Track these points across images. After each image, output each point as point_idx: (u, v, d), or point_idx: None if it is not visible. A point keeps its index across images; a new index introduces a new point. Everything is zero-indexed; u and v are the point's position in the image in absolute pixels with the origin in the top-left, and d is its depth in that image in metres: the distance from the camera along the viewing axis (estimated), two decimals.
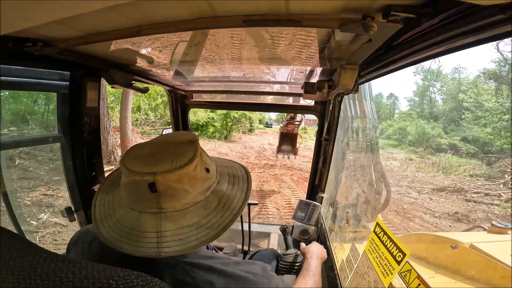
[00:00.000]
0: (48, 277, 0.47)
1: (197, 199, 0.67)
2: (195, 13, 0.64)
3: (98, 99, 1.39)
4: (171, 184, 0.61)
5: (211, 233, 0.65)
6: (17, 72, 1.06)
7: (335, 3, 0.56)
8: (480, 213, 8.20)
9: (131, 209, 0.66)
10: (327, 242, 1.63)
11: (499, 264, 1.35)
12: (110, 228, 0.66)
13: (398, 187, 10.95)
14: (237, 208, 0.71)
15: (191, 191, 0.65)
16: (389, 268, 0.84)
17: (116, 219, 0.67)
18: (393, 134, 29.67)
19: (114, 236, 0.64)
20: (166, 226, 0.63)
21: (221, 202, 0.71)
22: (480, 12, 0.46)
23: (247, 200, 0.75)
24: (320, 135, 2.00)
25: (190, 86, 2.04)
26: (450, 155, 17.95)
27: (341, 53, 0.96)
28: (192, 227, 0.65)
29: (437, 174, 14.06)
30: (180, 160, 0.63)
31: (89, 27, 0.75)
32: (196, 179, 0.66)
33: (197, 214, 0.67)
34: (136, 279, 0.49)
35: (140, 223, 0.64)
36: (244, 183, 0.80)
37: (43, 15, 0.45)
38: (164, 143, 0.71)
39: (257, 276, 0.69)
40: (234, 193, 0.75)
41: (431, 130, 25.05)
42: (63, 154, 1.39)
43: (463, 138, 22.64)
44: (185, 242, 0.63)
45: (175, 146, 0.69)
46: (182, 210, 0.65)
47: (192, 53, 1.13)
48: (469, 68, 56.12)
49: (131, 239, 0.63)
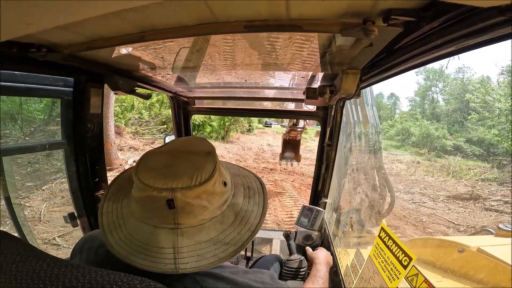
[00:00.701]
0: (51, 282, 0.46)
1: (214, 214, 0.65)
2: (197, 19, 0.65)
3: (102, 105, 1.40)
4: (190, 200, 0.59)
5: (229, 249, 0.63)
6: (21, 78, 1.07)
7: (336, 8, 0.56)
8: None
9: (145, 223, 0.63)
10: (331, 248, 1.61)
11: (507, 267, 1.33)
12: (122, 241, 0.64)
13: (410, 194, 10.44)
14: (254, 224, 0.69)
15: (209, 206, 0.63)
16: (395, 273, 0.83)
17: (127, 232, 0.65)
18: (396, 135, 29.24)
19: (127, 249, 0.62)
20: (183, 242, 0.61)
21: (237, 217, 0.69)
22: (480, 15, 0.46)
23: (265, 216, 0.73)
24: (322, 141, 2.00)
25: (192, 93, 2.05)
26: (459, 158, 17.38)
27: (342, 58, 0.96)
28: (209, 243, 0.63)
29: (447, 179, 13.54)
30: (200, 175, 0.60)
31: (93, 33, 0.76)
32: (214, 194, 0.64)
33: (214, 229, 0.65)
34: (140, 285, 0.48)
35: (155, 238, 0.61)
36: (260, 196, 0.77)
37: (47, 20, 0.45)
38: (180, 153, 0.68)
39: (266, 285, 0.68)
40: (251, 208, 0.72)
41: (436, 131, 24.64)
42: (66, 160, 1.39)
43: (468, 139, 22.30)
44: (203, 258, 0.61)
45: (193, 157, 0.65)
46: (198, 226, 0.63)
47: (194, 59, 1.14)
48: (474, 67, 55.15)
49: (146, 254, 0.60)
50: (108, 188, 0.78)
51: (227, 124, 18.12)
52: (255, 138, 21.94)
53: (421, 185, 11.99)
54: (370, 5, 0.53)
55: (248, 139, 20.62)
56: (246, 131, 22.57)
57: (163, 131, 13.59)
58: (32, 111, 6.67)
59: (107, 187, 0.78)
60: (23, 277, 0.47)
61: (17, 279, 0.46)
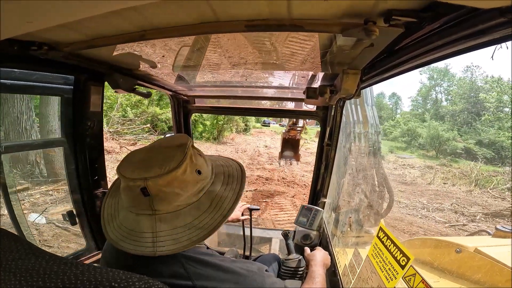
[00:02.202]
0: (50, 279, 0.47)
1: (189, 200, 0.70)
2: (198, 18, 0.65)
3: (102, 103, 1.40)
4: (162, 188, 0.65)
5: (202, 233, 0.68)
6: (22, 76, 1.07)
7: (337, 8, 0.56)
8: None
9: (130, 211, 0.71)
10: (329, 247, 1.62)
11: (505, 268, 1.34)
12: (115, 229, 0.72)
13: (440, 212, 8.79)
14: (227, 209, 0.73)
15: (182, 193, 0.68)
16: (393, 273, 0.83)
17: (119, 221, 0.73)
18: (401, 136, 28.09)
19: (118, 236, 0.70)
20: (161, 227, 0.67)
21: (212, 203, 0.73)
22: (481, 16, 0.46)
23: (238, 201, 0.77)
24: (322, 140, 2.00)
25: (192, 91, 2.05)
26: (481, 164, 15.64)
27: (343, 58, 0.96)
28: (184, 228, 0.68)
29: (472, 188, 12.03)
30: (168, 165, 0.66)
31: (94, 31, 0.76)
32: (186, 182, 0.68)
33: (190, 215, 0.70)
34: (138, 282, 0.49)
35: (138, 224, 0.69)
36: (238, 183, 0.81)
37: (47, 19, 0.45)
38: (157, 148, 0.74)
39: (250, 273, 0.72)
40: (226, 194, 0.77)
41: (445, 133, 23.45)
42: (65, 158, 1.39)
43: (478, 141, 21.37)
44: (178, 242, 0.66)
45: (165, 150, 0.72)
46: (175, 212, 0.69)
47: (195, 58, 1.14)
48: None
49: (131, 239, 0.68)
50: (111, 186, 0.87)
51: (220, 123, 16.78)
52: (251, 138, 20.63)
53: (446, 198, 10.56)
54: (371, 6, 0.53)
55: (243, 139, 19.39)
56: (242, 130, 21.31)
57: (147, 131, 12.60)
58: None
59: (111, 185, 0.87)
60: (22, 274, 0.47)
61: (16, 276, 0.46)
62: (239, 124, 20.45)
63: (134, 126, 12.38)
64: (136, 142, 11.47)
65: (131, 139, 11.58)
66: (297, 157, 6.32)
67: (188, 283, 0.65)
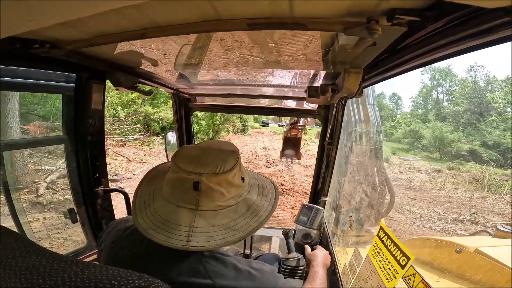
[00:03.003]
0: (50, 277, 0.47)
1: (229, 203, 0.74)
2: (200, 16, 0.65)
3: (103, 101, 1.40)
4: (212, 185, 0.69)
5: (237, 235, 0.71)
6: (24, 74, 1.08)
7: (339, 7, 0.56)
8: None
9: (170, 202, 0.72)
10: (329, 246, 1.62)
11: (505, 269, 1.34)
12: (147, 216, 0.73)
13: (460, 224, 8.09)
14: (263, 217, 0.77)
15: (226, 195, 0.72)
16: (393, 272, 0.83)
17: (154, 209, 0.74)
18: (403, 137, 27.44)
19: (149, 224, 0.70)
20: (199, 222, 0.69)
21: (249, 209, 0.77)
22: (485, 15, 0.46)
23: (273, 212, 0.81)
24: (323, 139, 2.00)
25: (194, 89, 2.05)
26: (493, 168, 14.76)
27: (345, 57, 0.96)
28: (221, 227, 0.71)
29: (485, 194, 11.19)
30: (223, 166, 0.71)
31: (95, 29, 0.76)
32: (232, 185, 0.74)
33: (227, 217, 0.73)
34: (138, 280, 0.49)
35: (176, 216, 0.70)
36: (272, 196, 0.86)
37: (50, 16, 0.45)
38: (210, 149, 0.79)
39: (265, 274, 0.75)
40: (263, 204, 0.81)
41: (450, 134, 22.77)
42: (67, 155, 1.39)
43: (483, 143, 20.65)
44: (212, 240, 0.68)
45: (219, 153, 0.76)
46: (215, 211, 0.72)
47: (196, 56, 1.14)
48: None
49: (164, 229, 0.69)
50: (145, 176, 0.89)
51: (216, 123, 16.27)
52: (249, 139, 20.01)
53: (461, 206, 9.78)
54: (374, 4, 0.53)
55: (241, 140, 18.61)
56: (239, 131, 20.67)
57: (138, 131, 12.15)
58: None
59: (145, 175, 0.89)
60: (22, 272, 0.47)
61: (16, 274, 0.46)
62: (236, 124, 19.86)
63: (125, 126, 11.96)
64: (125, 143, 11.10)
65: (119, 140, 11.22)
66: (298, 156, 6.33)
67: (207, 282, 0.66)
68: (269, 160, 13.00)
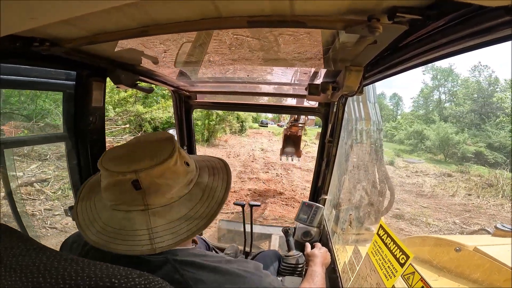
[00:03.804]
0: (51, 275, 0.47)
1: (181, 192, 0.70)
2: (200, 13, 0.65)
3: (103, 99, 1.40)
4: (154, 179, 0.63)
5: (201, 222, 0.68)
6: (24, 72, 1.07)
7: (340, 4, 0.56)
8: None
9: (117, 210, 0.66)
10: (329, 244, 1.62)
11: (503, 267, 1.34)
12: (99, 232, 0.66)
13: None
14: (220, 196, 0.74)
15: (174, 185, 0.67)
16: (392, 271, 0.83)
17: (102, 223, 0.67)
18: (406, 138, 26.65)
19: (104, 239, 0.64)
20: (156, 222, 0.65)
21: (205, 193, 0.74)
22: (486, 14, 0.46)
23: (229, 187, 0.78)
24: (323, 137, 2.00)
25: (194, 87, 2.05)
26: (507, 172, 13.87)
27: (345, 55, 0.96)
28: (181, 220, 0.67)
29: (501, 201, 10.35)
30: (160, 156, 0.65)
31: (96, 27, 0.76)
32: (177, 173, 0.68)
33: (184, 207, 0.69)
34: (138, 278, 0.49)
35: (129, 222, 0.64)
36: (223, 173, 0.83)
37: (50, 14, 0.45)
38: (140, 143, 0.73)
39: (248, 274, 0.69)
40: (216, 184, 0.78)
41: (456, 135, 21.90)
42: (67, 153, 1.40)
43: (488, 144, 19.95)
44: (177, 235, 0.65)
45: (152, 144, 0.71)
46: (168, 205, 0.67)
47: (197, 53, 1.14)
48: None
49: (122, 239, 0.63)
50: (80, 190, 0.81)
51: (212, 123, 15.21)
52: (247, 140, 18.97)
53: (480, 215, 8.88)
54: (375, 2, 0.52)
55: (238, 141, 17.60)
56: (237, 131, 19.67)
57: (129, 131, 11.17)
58: None
59: (80, 190, 0.81)
60: (23, 270, 0.47)
61: (16, 272, 0.46)
62: (233, 125, 18.78)
63: (114, 126, 11.19)
64: (113, 144, 10.23)
65: (107, 141, 10.40)
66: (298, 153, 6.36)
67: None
68: (267, 163, 12.21)
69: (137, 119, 12.18)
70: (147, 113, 12.36)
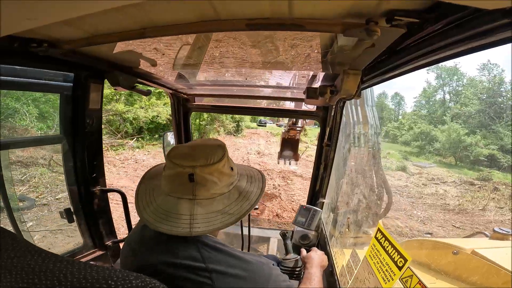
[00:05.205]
0: (46, 277, 0.46)
1: (222, 190, 0.84)
2: (199, 16, 0.65)
3: (101, 101, 1.39)
4: (205, 176, 0.78)
5: (232, 218, 0.81)
6: (21, 73, 1.07)
7: (339, 8, 0.56)
8: None
9: (171, 196, 0.81)
10: (327, 248, 1.62)
11: (501, 270, 1.34)
12: (152, 212, 0.81)
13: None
14: (253, 200, 0.87)
15: (219, 183, 0.82)
16: (390, 274, 0.83)
17: (157, 204, 0.82)
18: (413, 140, 25.51)
19: (155, 218, 0.79)
20: (198, 210, 0.78)
21: (241, 195, 0.87)
22: (484, 17, 0.46)
23: (262, 195, 0.91)
24: (321, 141, 2.00)
25: (192, 90, 2.05)
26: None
27: (344, 58, 0.96)
28: (218, 213, 0.80)
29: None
30: (213, 157, 0.80)
31: (94, 28, 0.76)
32: (223, 174, 0.83)
33: (222, 203, 0.82)
34: (135, 280, 0.48)
35: (177, 207, 0.79)
36: (260, 182, 0.97)
37: (48, 15, 0.45)
38: (198, 146, 0.87)
39: (260, 263, 0.81)
40: (252, 189, 0.91)
41: (468, 137, 20.75)
42: (64, 154, 1.39)
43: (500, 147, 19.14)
44: (212, 224, 0.77)
45: (208, 148, 0.85)
46: (210, 199, 0.81)
47: (195, 56, 1.14)
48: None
49: (168, 220, 0.77)
50: (143, 176, 0.98)
51: (203, 123, 14.19)
52: (243, 142, 17.21)
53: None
54: (374, 6, 0.53)
55: (233, 143, 16.00)
56: (233, 132, 18.16)
57: (105, 133, 10.31)
58: None
59: (143, 175, 0.98)
60: (18, 272, 0.46)
61: (12, 274, 0.46)
62: (226, 125, 17.43)
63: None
64: None
65: None
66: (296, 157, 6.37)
67: (201, 265, 0.72)
68: (264, 169, 10.67)
69: (116, 118, 11.22)
70: (127, 112, 11.51)
